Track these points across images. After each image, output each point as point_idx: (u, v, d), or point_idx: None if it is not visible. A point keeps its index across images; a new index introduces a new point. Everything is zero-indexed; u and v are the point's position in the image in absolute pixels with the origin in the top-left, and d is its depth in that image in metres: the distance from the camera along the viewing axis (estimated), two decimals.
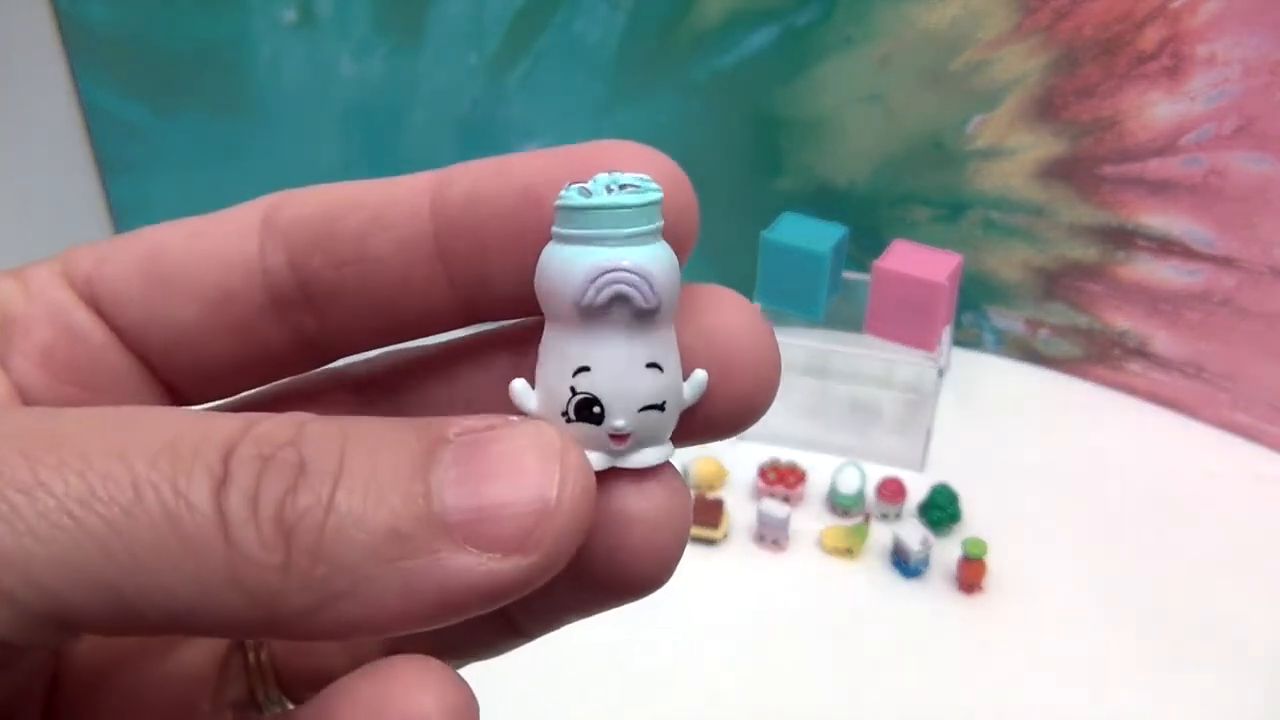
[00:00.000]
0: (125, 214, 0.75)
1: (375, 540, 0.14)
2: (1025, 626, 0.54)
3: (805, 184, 0.74)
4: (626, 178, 0.15)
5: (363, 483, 0.14)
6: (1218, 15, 0.60)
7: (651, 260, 0.15)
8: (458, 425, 0.15)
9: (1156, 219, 0.67)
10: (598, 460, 0.15)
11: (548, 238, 0.15)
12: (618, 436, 0.15)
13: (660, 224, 0.15)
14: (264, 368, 0.17)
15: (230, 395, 0.18)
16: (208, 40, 0.69)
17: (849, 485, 0.61)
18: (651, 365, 0.15)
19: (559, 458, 0.14)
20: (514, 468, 0.14)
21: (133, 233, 0.17)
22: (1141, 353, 0.71)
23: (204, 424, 0.14)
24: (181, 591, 0.13)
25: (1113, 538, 0.60)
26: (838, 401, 0.71)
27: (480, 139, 0.73)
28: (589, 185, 0.15)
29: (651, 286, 0.14)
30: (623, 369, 0.15)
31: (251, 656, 0.19)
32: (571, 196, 0.15)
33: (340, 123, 0.72)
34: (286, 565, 0.13)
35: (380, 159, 0.73)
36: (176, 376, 0.17)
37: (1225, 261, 0.65)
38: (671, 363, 0.15)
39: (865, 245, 0.65)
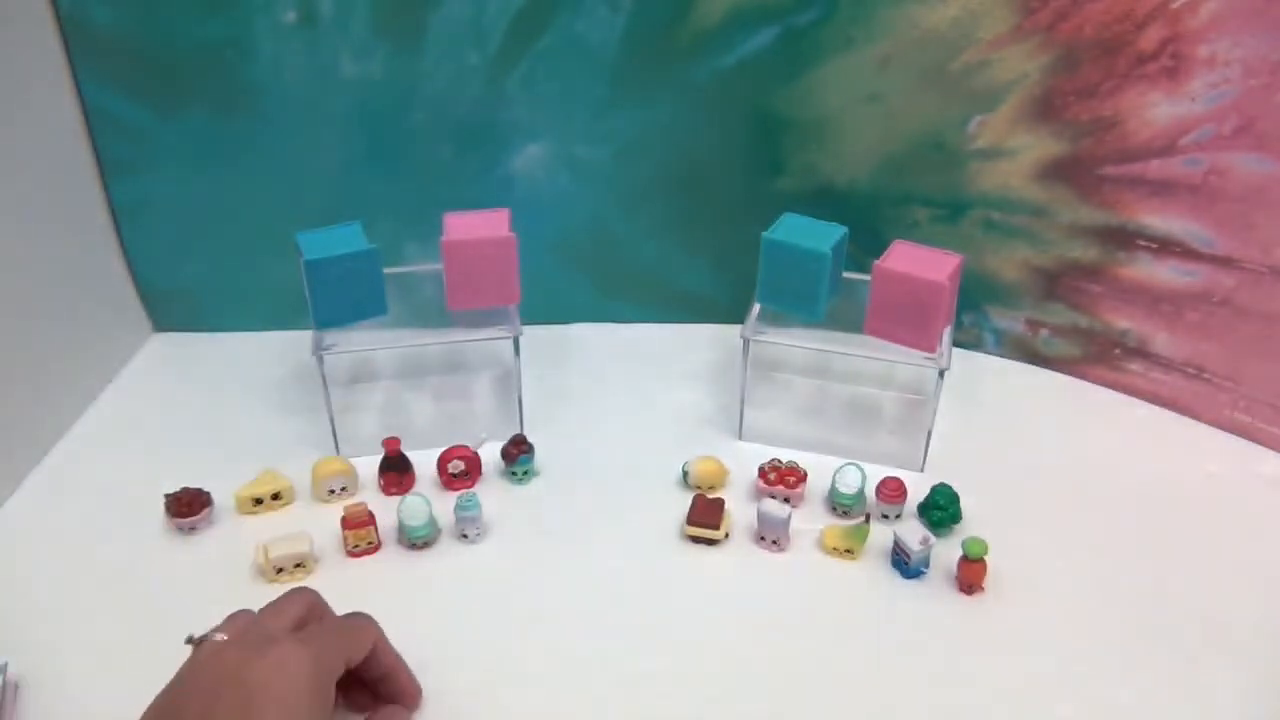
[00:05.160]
0: (125, 214, 0.75)
1: None
2: (1025, 627, 0.54)
3: (805, 184, 0.74)
4: None
5: None
6: (1218, 15, 0.60)
7: None
8: None
9: (1156, 219, 0.67)
10: None
11: None
12: None
13: None
14: None
15: None
16: (209, 41, 0.69)
17: (849, 485, 0.61)
18: None
19: None
20: None
21: None
22: (1142, 353, 0.71)
23: None
24: None
25: (1113, 538, 0.60)
26: (838, 401, 0.71)
27: (480, 139, 0.73)
28: None
29: None
30: None
31: None
32: None
33: (340, 123, 0.72)
34: None
35: (380, 159, 0.73)
36: None
37: (1225, 261, 0.65)
38: None
39: (865, 245, 0.65)
